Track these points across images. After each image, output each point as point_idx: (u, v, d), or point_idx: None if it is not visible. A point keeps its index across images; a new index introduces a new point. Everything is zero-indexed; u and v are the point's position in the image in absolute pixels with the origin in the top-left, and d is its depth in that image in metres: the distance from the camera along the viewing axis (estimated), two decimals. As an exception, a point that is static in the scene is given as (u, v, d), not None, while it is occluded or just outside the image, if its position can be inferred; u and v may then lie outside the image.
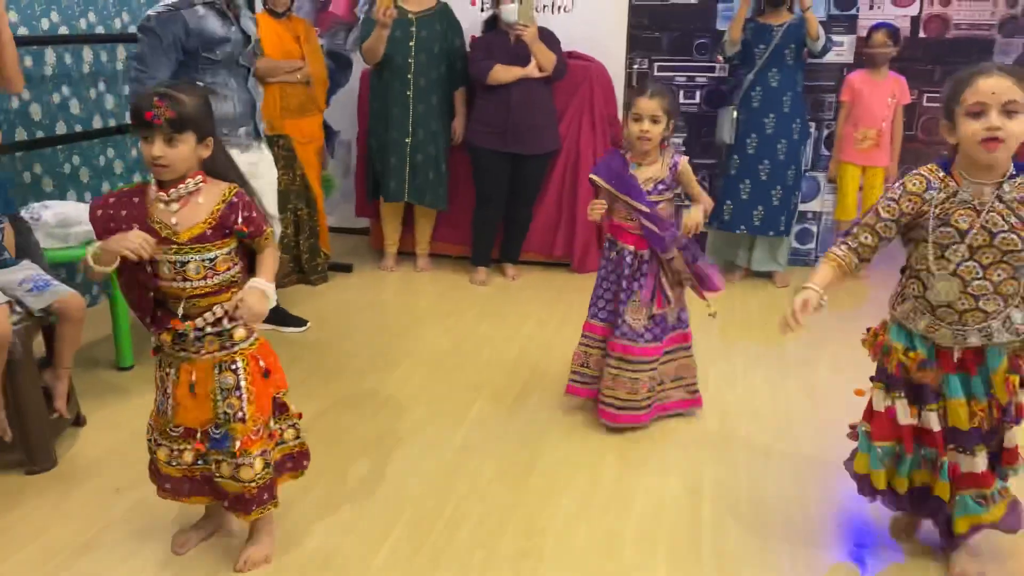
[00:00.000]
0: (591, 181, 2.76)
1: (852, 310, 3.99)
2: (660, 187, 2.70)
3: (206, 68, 2.99)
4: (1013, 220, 1.80)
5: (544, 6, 4.69)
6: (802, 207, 4.68)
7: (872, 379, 2.09)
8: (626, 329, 2.73)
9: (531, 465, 2.63)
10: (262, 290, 1.94)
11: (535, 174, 4.42)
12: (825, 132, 4.63)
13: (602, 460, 2.67)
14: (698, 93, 4.76)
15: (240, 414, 1.97)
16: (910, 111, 5.27)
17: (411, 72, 4.30)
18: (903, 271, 2.01)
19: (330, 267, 4.49)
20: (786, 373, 3.37)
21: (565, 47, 4.40)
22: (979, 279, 1.83)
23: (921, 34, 5.37)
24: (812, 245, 4.80)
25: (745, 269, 4.55)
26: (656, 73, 4.82)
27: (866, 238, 1.93)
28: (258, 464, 2.00)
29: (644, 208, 2.63)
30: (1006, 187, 1.80)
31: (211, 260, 1.93)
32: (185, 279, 1.92)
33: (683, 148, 4.81)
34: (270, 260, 2.04)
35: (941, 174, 1.86)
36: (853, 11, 4.48)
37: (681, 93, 4.79)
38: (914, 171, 1.90)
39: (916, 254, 1.92)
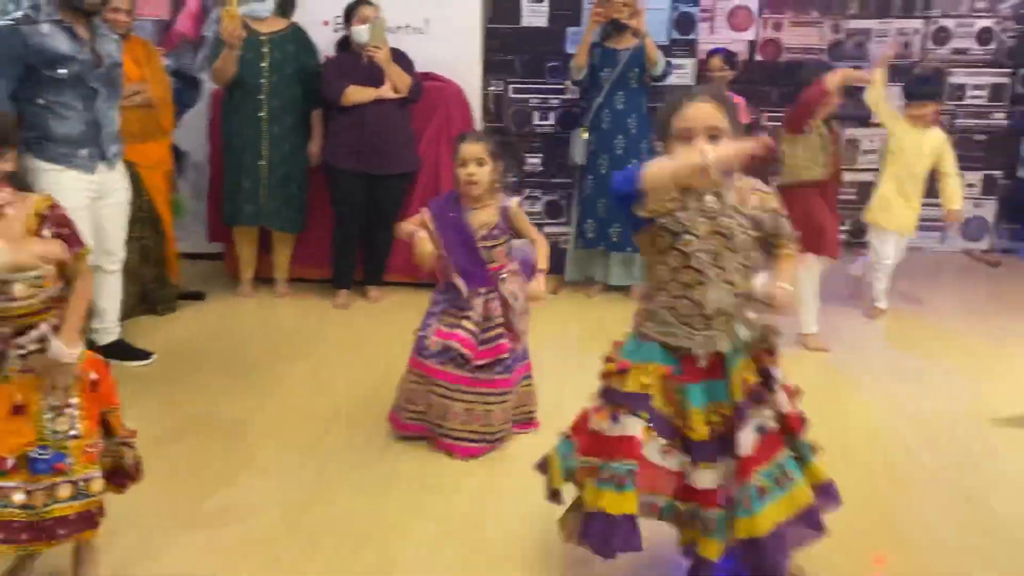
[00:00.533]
0: (421, 213, 2.77)
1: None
2: (495, 232, 2.74)
3: (48, 85, 2.94)
4: (741, 220, 1.88)
5: (397, 27, 4.69)
6: (655, 223, 4.87)
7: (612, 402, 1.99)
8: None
9: (386, 490, 2.60)
10: (56, 359, 1.85)
11: (393, 194, 4.40)
12: (673, 151, 4.84)
13: (459, 482, 2.67)
14: (552, 115, 4.88)
15: (73, 431, 1.89)
16: (752, 130, 5.59)
17: (264, 93, 4.21)
18: (651, 289, 1.98)
19: (180, 296, 4.31)
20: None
21: (421, 69, 4.42)
22: (724, 284, 1.88)
23: (758, 57, 5.73)
24: (665, 259, 5.00)
25: (603, 284, 4.69)
26: (511, 95, 4.91)
27: None
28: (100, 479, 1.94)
29: (453, 263, 2.69)
30: (726, 194, 1.88)
31: (38, 277, 1.86)
32: (11, 299, 1.83)
33: (543, 168, 4.92)
34: (79, 299, 1.95)
35: None
36: (692, 36, 4.72)
37: (536, 115, 4.91)
38: None
39: (662, 266, 1.91)
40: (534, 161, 4.93)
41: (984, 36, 5.55)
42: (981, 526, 2.48)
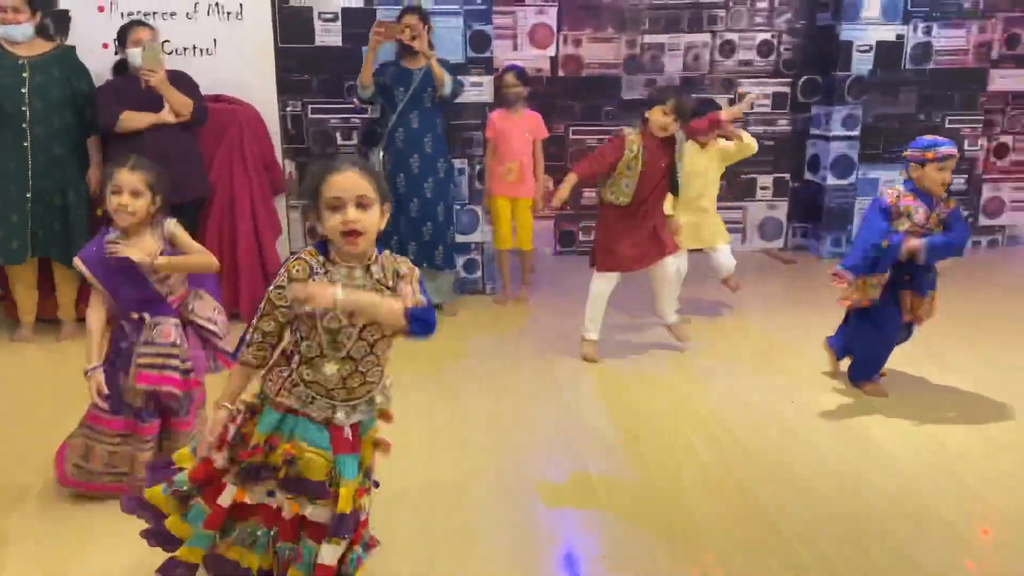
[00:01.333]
0: (75, 266, 2.60)
1: (516, 333, 4.21)
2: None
3: None
4: (386, 293, 1.87)
5: (184, 48, 4.49)
6: (465, 238, 4.87)
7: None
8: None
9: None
10: None
11: (184, 223, 4.16)
12: (477, 168, 4.86)
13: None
14: (354, 134, 4.80)
15: None
16: (558, 143, 5.73)
17: (26, 121, 3.90)
18: (289, 358, 1.92)
19: (-55, 346, 3.92)
20: (457, 402, 3.46)
21: (210, 90, 4.25)
22: (368, 356, 1.89)
23: (560, 73, 5.88)
24: (478, 274, 5.01)
25: (413, 303, 4.62)
26: (310, 115, 4.80)
27: (268, 326, 1.88)
28: None
29: (123, 303, 2.57)
30: (373, 269, 1.88)
31: None
32: None
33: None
34: None
35: (321, 259, 1.87)
36: (488, 53, 4.76)
37: (338, 135, 4.81)
38: (297, 256, 1.89)
39: (309, 342, 1.87)
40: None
41: (764, 48, 5.93)
42: (747, 517, 2.60)
